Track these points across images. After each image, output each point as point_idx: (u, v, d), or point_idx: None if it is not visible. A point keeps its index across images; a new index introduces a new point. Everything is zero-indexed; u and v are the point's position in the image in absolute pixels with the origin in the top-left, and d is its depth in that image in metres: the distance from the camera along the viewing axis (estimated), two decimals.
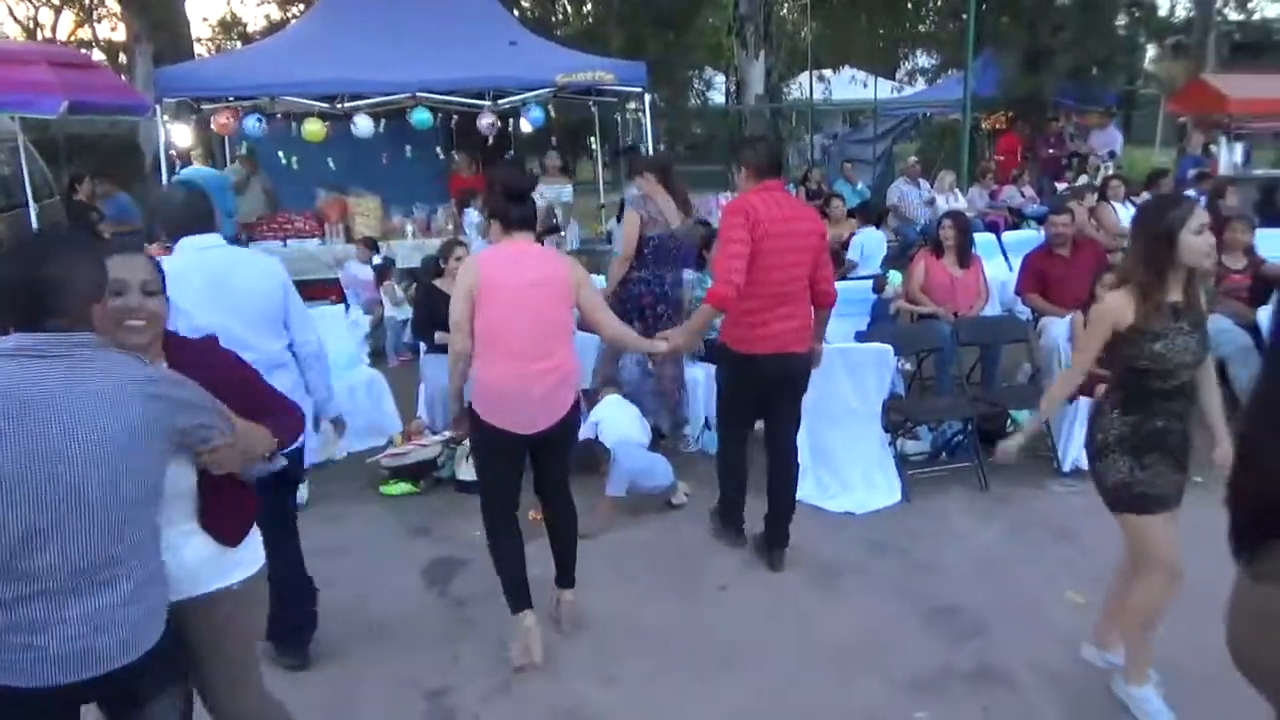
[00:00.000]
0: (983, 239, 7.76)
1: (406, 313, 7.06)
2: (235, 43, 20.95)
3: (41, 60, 8.39)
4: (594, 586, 3.79)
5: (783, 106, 17.05)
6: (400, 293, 7.48)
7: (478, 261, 3.33)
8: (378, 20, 8.91)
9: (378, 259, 7.89)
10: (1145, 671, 2.98)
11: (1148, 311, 2.73)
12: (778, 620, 3.68)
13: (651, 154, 7.86)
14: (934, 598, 3.80)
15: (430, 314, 5.18)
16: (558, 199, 9.04)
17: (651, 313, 5.11)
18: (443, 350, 3.97)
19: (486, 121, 8.39)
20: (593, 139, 11.49)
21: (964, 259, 6.05)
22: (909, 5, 19.05)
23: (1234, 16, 20.21)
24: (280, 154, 9.38)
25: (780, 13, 18.79)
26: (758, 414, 4.16)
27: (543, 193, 7.50)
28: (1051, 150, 12.86)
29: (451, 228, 8.67)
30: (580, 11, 16.15)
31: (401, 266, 8.02)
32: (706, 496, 4.61)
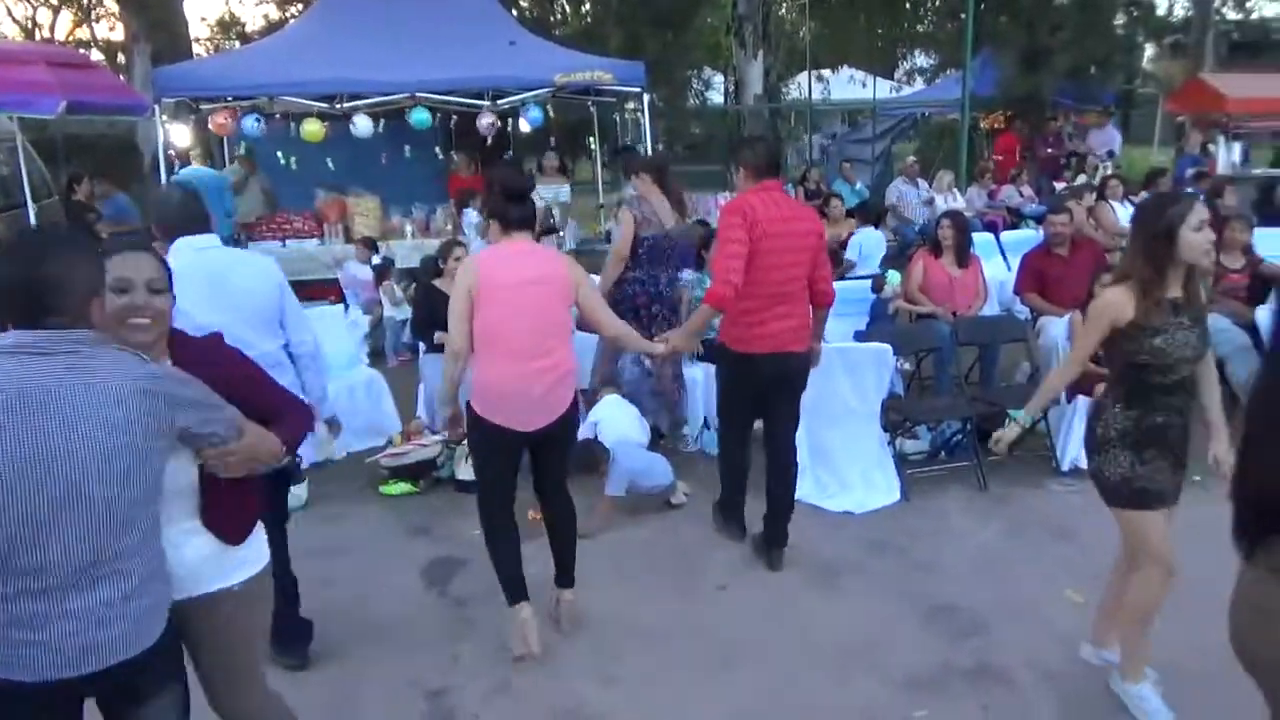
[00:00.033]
0: (981, 239, 7.75)
1: (405, 313, 7.07)
2: (234, 42, 20.95)
3: (40, 60, 8.38)
4: (593, 586, 3.80)
5: (781, 106, 17.06)
6: (399, 293, 7.48)
7: (477, 261, 3.35)
8: (376, 20, 8.92)
9: (377, 259, 7.89)
10: (1141, 669, 2.99)
11: (1148, 307, 2.73)
12: (777, 620, 3.68)
13: (647, 154, 7.87)
14: (933, 597, 3.80)
15: (429, 314, 5.18)
16: (555, 199, 9.05)
17: (646, 313, 5.11)
18: (442, 350, 3.97)
19: (486, 121, 8.39)
20: (591, 139, 11.50)
21: (962, 259, 6.06)
22: (907, 5, 19.07)
23: (1232, 16, 20.23)
24: (279, 154, 9.37)
25: (779, 12, 18.81)
26: (757, 413, 4.17)
27: (540, 193, 7.49)
28: (1050, 150, 12.84)
29: (450, 228, 8.67)
30: (579, 11, 16.15)
31: (400, 266, 8.03)
32: (706, 496, 4.62)
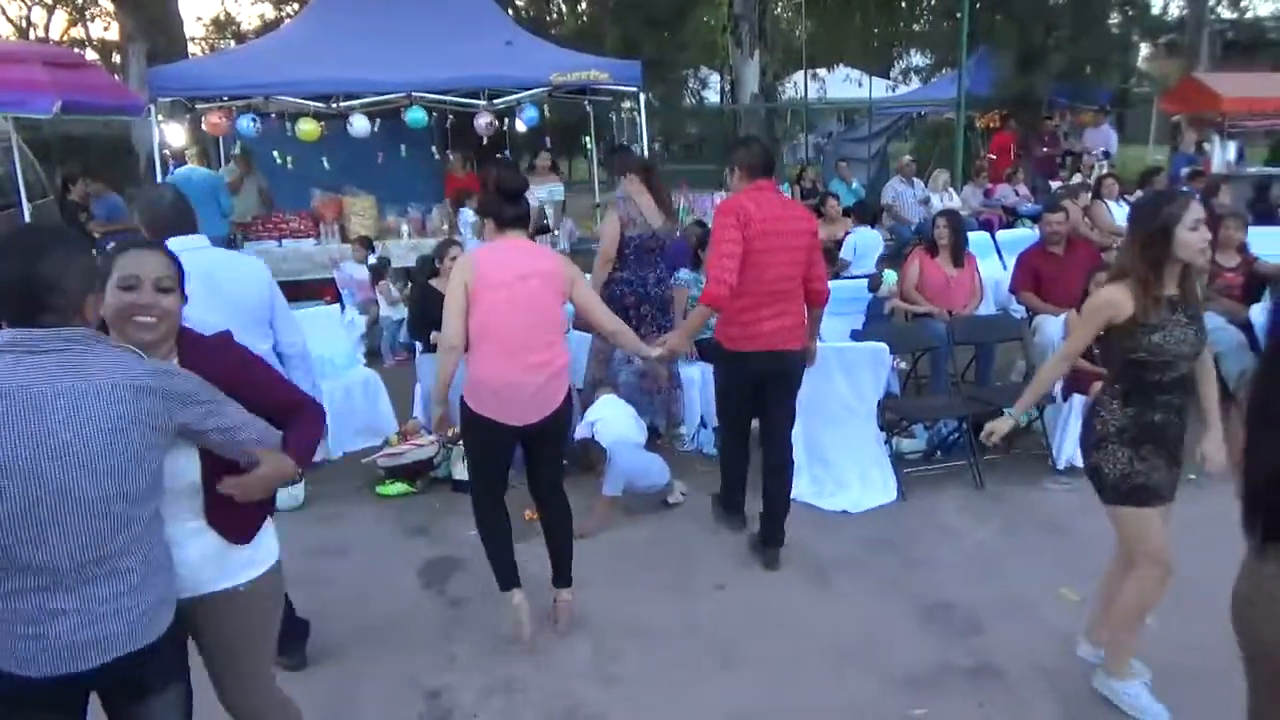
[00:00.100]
0: (977, 238, 7.76)
1: (402, 312, 7.06)
2: (229, 42, 20.96)
3: (35, 60, 8.36)
4: (591, 586, 3.80)
5: (778, 105, 17.08)
6: (395, 292, 7.47)
7: (474, 258, 3.38)
8: (372, 19, 8.91)
9: (373, 259, 7.88)
10: (1126, 665, 2.99)
11: (1147, 305, 2.73)
12: (775, 619, 3.69)
13: (642, 154, 7.87)
14: (930, 595, 3.81)
15: (426, 314, 5.17)
16: (549, 198, 9.05)
17: (635, 313, 5.10)
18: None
19: (484, 121, 8.38)
20: (588, 138, 11.50)
21: (958, 258, 6.07)
22: (903, 4, 19.13)
23: (1227, 15, 20.26)
24: (275, 154, 9.36)
25: (775, 12, 18.83)
26: (755, 412, 4.18)
27: (534, 193, 7.50)
28: (1045, 149, 12.86)
29: (447, 227, 8.67)
30: (575, 11, 16.17)
31: (397, 266, 8.02)
32: (703, 496, 4.63)
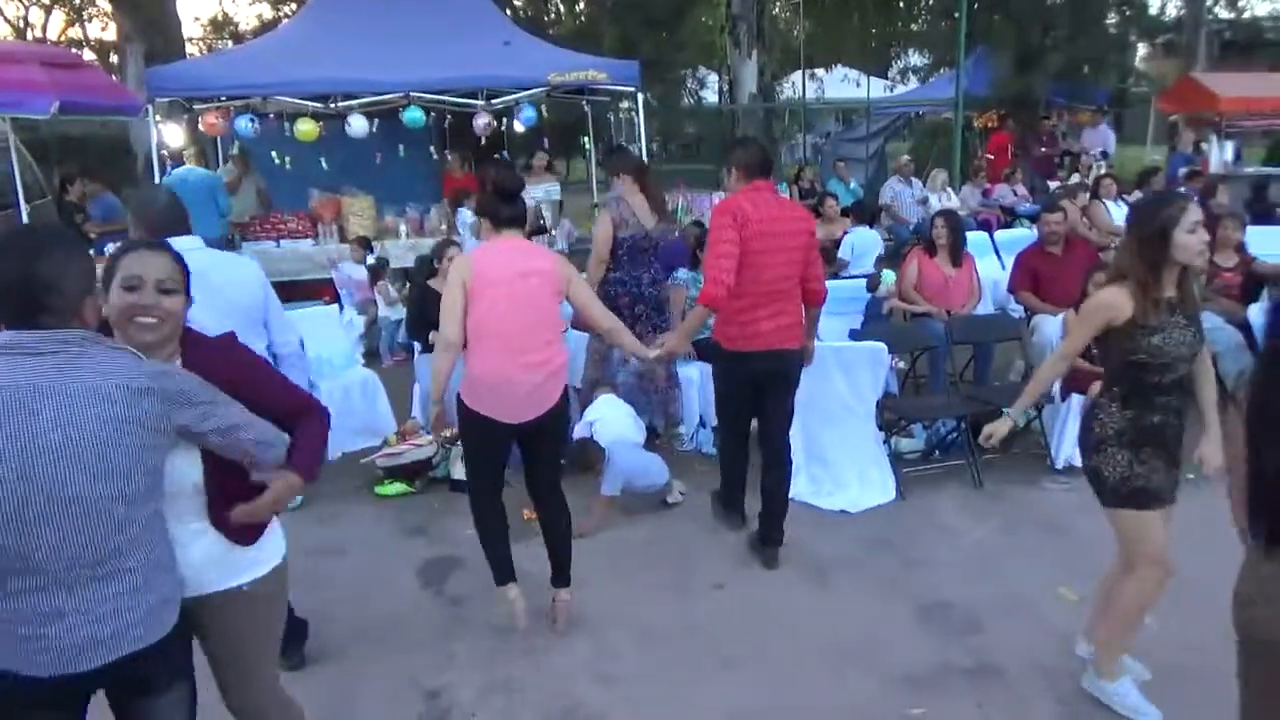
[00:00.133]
0: (975, 237, 7.76)
1: (400, 313, 7.05)
2: (227, 42, 20.96)
3: (32, 60, 8.34)
4: (590, 585, 3.80)
5: (776, 105, 17.07)
6: (394, 292, 7.47)
7: (472, 257, 3.40)
8: (371, 20, 8.91)
9: (371, 259, 7.88)
10: (1115, 665, 2.99)
11: (1146, 306, 2.74)
12: (774, 618, 3.69)
13: (640, 154, 7.87)
14: (929, 595, 3.81)
15: (424, 314, 5.17)
16: (546, 198, 9.04)
17: (629, 313, 5.09)
18: None
19: (483, 122, 8.38)
20: (586, 138, 11.50)
21: (957, 258, 6.07)
22: (901, 4, 19.14)
23: (1224, 15, 20.27)
24: (273, 154, 9.35)
25: (773, 12, 18.83)
26: (754, 411, 4.18)
27: (530, 193, 7.50)
28: (1044, 149, 12.87)
29: (445, 227, 8.67)
30: (573, 11, 16.17)
31: (395, 266, 8.02)
32: (702, 495, 4.64)
